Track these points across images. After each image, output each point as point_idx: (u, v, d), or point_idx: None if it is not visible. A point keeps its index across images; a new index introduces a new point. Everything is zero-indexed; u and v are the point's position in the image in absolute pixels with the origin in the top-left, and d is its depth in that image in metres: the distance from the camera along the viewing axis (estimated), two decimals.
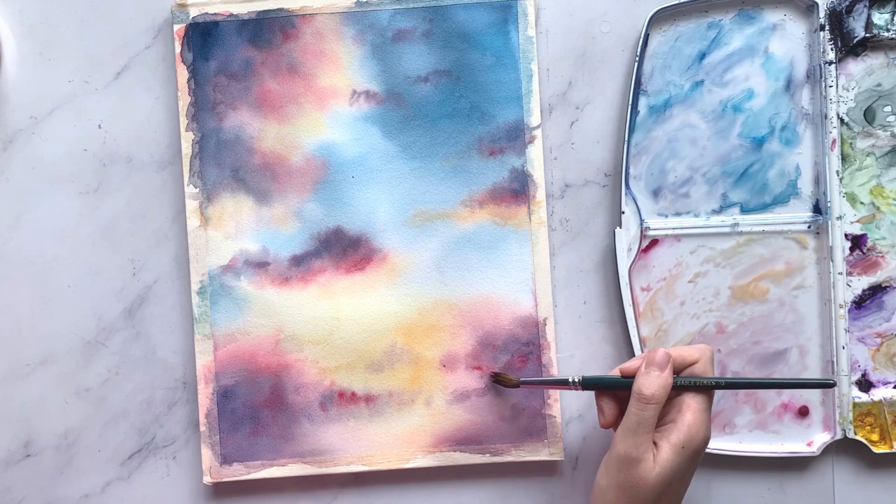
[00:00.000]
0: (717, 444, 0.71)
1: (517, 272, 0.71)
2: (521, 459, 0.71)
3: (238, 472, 0.71)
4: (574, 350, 0.72)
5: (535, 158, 0.70)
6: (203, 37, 0.70)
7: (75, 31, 0.72)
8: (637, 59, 0.70)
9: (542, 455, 0.71)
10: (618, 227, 0.70)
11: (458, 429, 0.71)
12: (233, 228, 0.71)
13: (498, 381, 0.70)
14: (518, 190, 0.70)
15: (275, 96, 0.70)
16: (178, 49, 0.70)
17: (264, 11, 0.70)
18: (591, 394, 0.71)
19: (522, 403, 0.70)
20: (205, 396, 0.71)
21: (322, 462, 0.71)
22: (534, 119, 0.70)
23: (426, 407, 0.71)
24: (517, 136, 0.70)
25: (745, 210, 0.71)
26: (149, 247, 0.72)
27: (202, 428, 0.71)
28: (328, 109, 0.70)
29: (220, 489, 0.72)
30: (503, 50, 0.70)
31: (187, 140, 0.70)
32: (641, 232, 0.70)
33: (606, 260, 0.71)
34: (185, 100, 0.70)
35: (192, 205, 0.71)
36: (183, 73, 0.70)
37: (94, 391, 0.73)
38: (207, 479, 0.71)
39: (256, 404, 0.71)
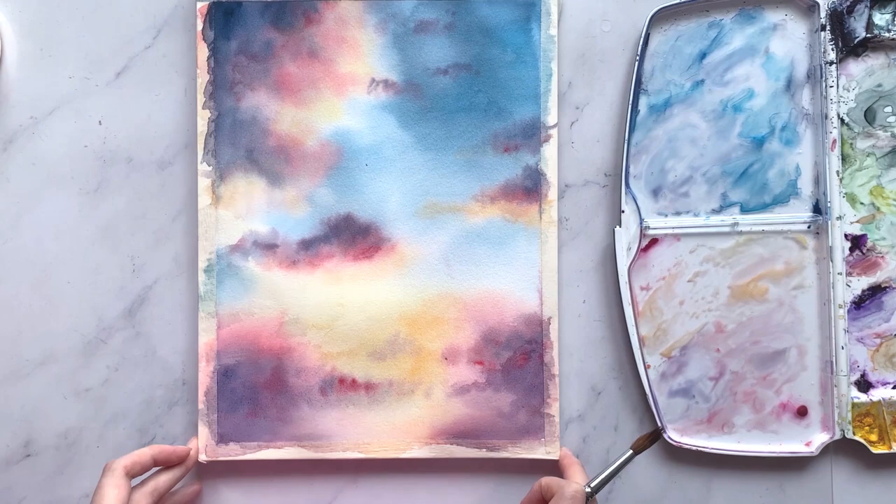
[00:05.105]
0: (717, 444, 0.71)
1: (525, 270, 0.71)
2: (517, 456, 0.70)
3: (234, 452, 0.69)
4: (574, 349, 0.72)
5: (550, 157, 0.71)
6: (226, 16, 0.71)
7: (76, 30, 0.72)
8: (637, 58, 0.71)
9: (538, 453, 0.70)
10: (617, 227, 0.70)
11: (457, 422, 0.70)
12: (244, 209, 0.71)
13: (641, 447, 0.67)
14: (530, 188, 0.71)
15: (293, 80, 0.71)
16: (199, 27, 0.71)
17: None
18: (590, 394, 0.71)
19: (522, 401, 0.70)
20: (205, 374, 0.69)
21: (318, 447, 0.70)
22: (551, 118, 0.71)
23: (425, 398, 0.70)
24: (533, 133, 0.71)
25: (744, 210, 0.71)
26: (149, 246, 0.72)
27: (200, 406, 0.69)
28: (346, 96, 0.71)
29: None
30: (524, 47, 0.71)
31: (203, 118, 0.70)
32: (641, 231, 0.71)
33: (606, 259, 0.72)
34: (203, 78, 0.71)
35: (204, 182, 0.70)
36: (203, 51, 0.71)
37: (94, 391, 0.71)
38: (203, 458, 0.69)
39: (256, 385, 0.70)
